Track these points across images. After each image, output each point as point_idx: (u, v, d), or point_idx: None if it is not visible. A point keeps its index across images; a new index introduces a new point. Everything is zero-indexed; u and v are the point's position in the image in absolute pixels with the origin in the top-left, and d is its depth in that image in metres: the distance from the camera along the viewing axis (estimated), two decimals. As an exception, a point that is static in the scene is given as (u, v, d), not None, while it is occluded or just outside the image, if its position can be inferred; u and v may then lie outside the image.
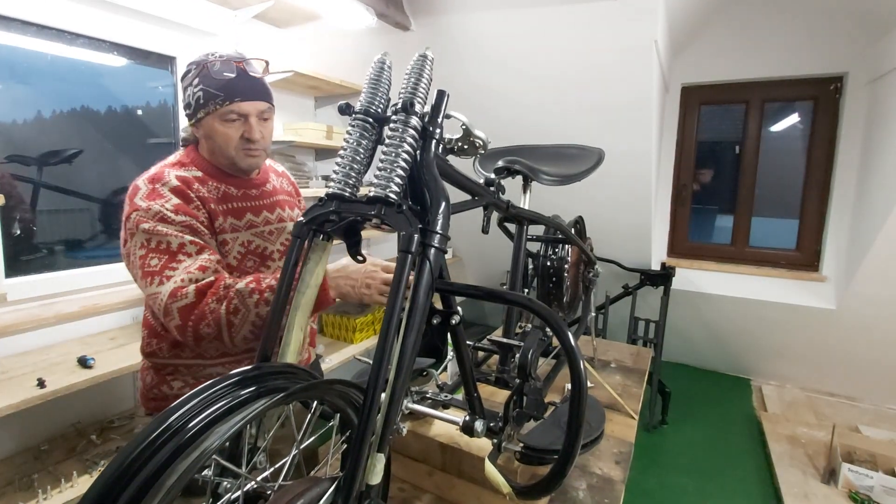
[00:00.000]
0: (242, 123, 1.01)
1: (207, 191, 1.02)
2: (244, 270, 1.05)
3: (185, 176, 1.01)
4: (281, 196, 1.18)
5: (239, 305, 0.90)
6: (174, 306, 0.89)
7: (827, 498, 2.11)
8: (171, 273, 0.90)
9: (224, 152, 1.03)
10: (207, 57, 1.00)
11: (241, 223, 1.06)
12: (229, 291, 0.90)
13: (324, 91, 2.74)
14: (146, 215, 0.93)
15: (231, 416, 0.55)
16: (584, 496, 1.06)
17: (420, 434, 1.05)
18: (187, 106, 1.01)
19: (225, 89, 0.98)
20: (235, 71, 0.98)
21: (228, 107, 0.98)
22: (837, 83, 2.85)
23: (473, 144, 0.86)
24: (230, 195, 1.06)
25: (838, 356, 3.03)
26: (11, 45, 1.67)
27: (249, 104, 1.00)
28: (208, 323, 0.89)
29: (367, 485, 0.61)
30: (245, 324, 0.90)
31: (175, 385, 1.05)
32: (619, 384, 1.63)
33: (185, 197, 0.97)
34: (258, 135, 1.02)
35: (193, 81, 0.99)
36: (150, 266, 0.91)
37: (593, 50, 2.19)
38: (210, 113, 0.99)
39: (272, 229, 1.11)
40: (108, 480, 0.47)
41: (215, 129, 1.00)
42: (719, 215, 3.44)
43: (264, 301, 0.91)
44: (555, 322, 0.76)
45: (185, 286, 0.89)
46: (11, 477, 1.44)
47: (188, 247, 0.93)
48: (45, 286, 1.75)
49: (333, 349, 2.61)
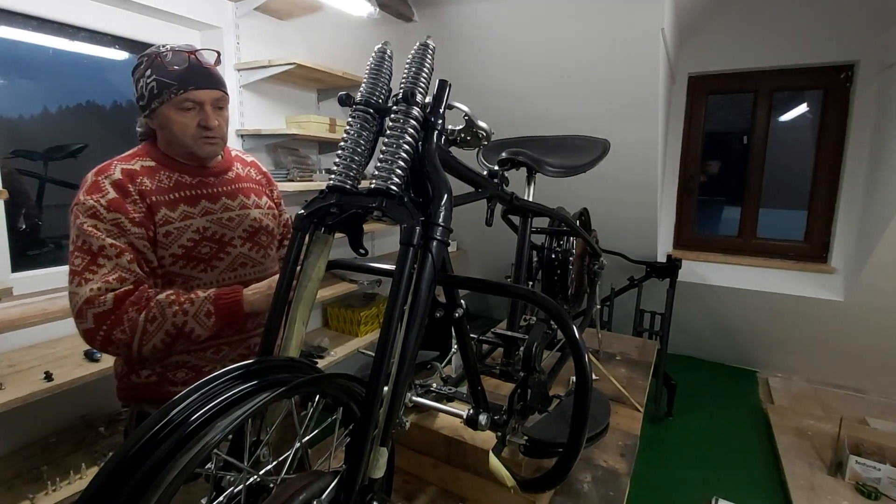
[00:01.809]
0: (198, 112, 1.02)
1: (156, 182, 1.03)
2: (198, 257, 1.06)
3: (130, 168, 1.01)
4: (246, 184, 1.18)
5: (157, 315, 0.94)
6: (90, 311, 0.92)
7: (834, 490, 2.10)
8: (89, 276, 0.93)
9: (181, 141, 1.04)
10: (159, 49, 1.01)
11: (195, 210, 1.06)
12: (150, 302, 0.95)
13: (326, 83, 2.72)
14: (81, 209, 0.95)
15: (232, 410, 0.55)
16: (588, 489, 1.06)
17: (424, 427, 1.05)
18: (140, 97, 1.02)
19: (179, 78, 0.99)
20: (188, 61, 1.00)
21: (183, 95, 0.99)
22: (848, 72, 2.79)
23: (476, 135, 0.85)
24: (183, 183, 1.07)
25: (846, 348, 3.01)
26: (15, 39, 1.67)
27: (204, 92, 1.01)
28: (123, 329, 0.92)
29: (370, 478, 0.61)
30: (159, 332, 0.95)
31: (143, 373, 1.05)
32: (624, 377, 1.62)
33: (123, 191, 0.98)
34: (214, 122, 1.04)
35: (146, 73, 0.99)
36: (74, 265, 0.95)
37: (599, 39, 2.16)
38: (164, 102, 1.00)
39: (232, 216, 1.12)
40: (109, 475, 0.46)
41: (171, 118, 1.01)
42: (726, 207, 3.40)
43: (182, 311, 0.96)
44: (559, 315, 0.75)
45: (103, 294, 0.92)
46: (20, 469, 1.46)
47: (108, 249, 0.94)
48: (50, 280, 1.76)
49: (338, 342, 2.62)
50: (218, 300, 0.99)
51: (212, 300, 0.99)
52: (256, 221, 1.16)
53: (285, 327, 0.77)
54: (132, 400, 1.09)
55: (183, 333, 0.97)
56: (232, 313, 1.00)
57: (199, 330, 0.98)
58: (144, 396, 1.06)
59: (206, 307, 0.98)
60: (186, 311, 0.96)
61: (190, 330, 0.97)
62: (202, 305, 0.98)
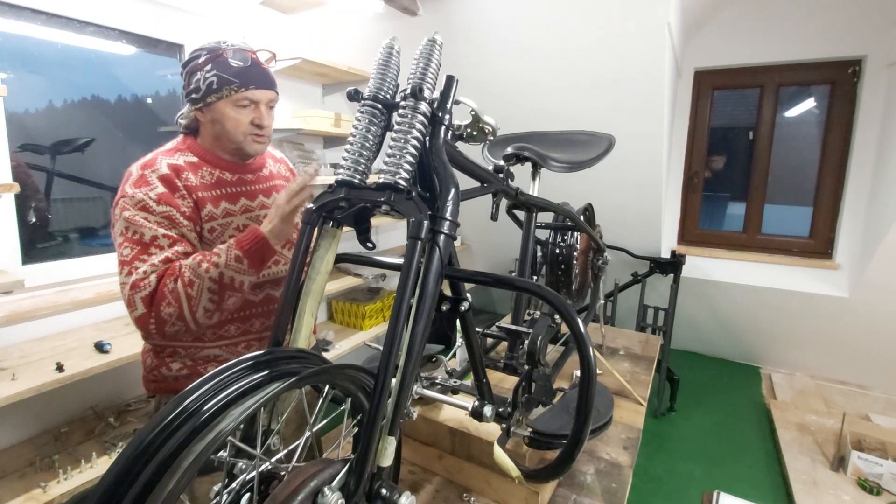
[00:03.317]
0: (252, 110, 1.05)
1: (200, 177, 1.04)
2: None
3: (176, 164, 1.02)
4: (278, 181, 1.20)
5: (192, 277, 0.93)
6: (137, 297, 0.92)
7: (835, 485, 2.11)
8: (139, 265, 0.94)
9: (232, 137, 1.05)
10: (219, 44, 1.03)
11: (236, 208, 1.08)
12: (182, 268, 0.95)
13: (331, 78, 2.73)
14: (130, 203, 0.96)
15: (245, 399, 0.56)
16: (591, 480, 1.07)
17: (430, 419, 1.06)
18: (195, 90, 1.02)
19: (240, 76, 1.01)
20: (249, 60, 1.03)
21: (243, 93, 1.02)
22: (856, 67, 2.77)
23: (483, 131, 0.86)
24: (225, 181, 1.08)
25: (850, 344, 3.01)
26: (22, 34, 1.68)
27: (261, 92, 1.05)
28: (168, 302, 0.93)
29: (379, 466, 0.63)
30: (202, 292, 0.94)
31: (174, 367, 1.07)
32: (627, 371, 1.63)
33: (171, 185, 0.99)
34: (267, 121, 1.08)
35: (205, 67, 1.01)
36: (123, 255, 0.95)
37: (605, 34, 2.15)
38: (223, 98, 1.02)
39: (267, 213, 1.13)
40: (126, 461, 0.48)
41: (226, 114, 1.03)
42: (731, 203, 3.39)
43: (213, 265, 0.94)
44: (564, 308, 0.76)
45: (147, 277, 0.93)
46: (33, 457, 1.49)
47: (160, 240, 0.95)
48: (60, 273, 1.78)
49: (343, 336, 2.64)
50: (240, 242, 0.98)
51: (234, 245, 0.97)
52: None
53: (294, 319, 0.78)
54: (159, 391, 1.11)
55: (224, 285, 0.96)
56: (259, 248, 0.98)
57: (238, 276, 0.97)
58: (174, 388, 1.08)
59: (233, 253, 0.96)
60: (217, 264, 0.95)
61: (230, 279, 0.96)
62: (229, 253, 0.96)
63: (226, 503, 0.59)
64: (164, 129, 2.18)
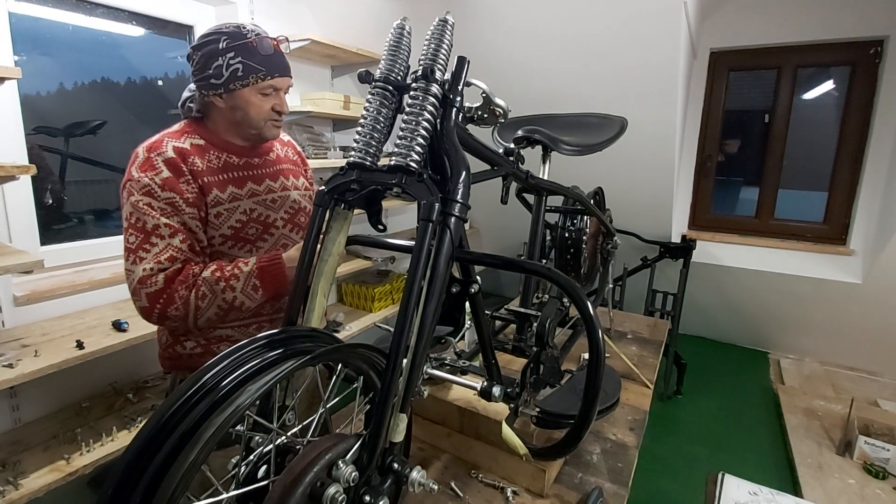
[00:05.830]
0: (274, 97, 1.07)
1: (206, 162, 1.05)
2: (245, 238, 1.09)
3: (182, 147, 1.03)
4: (285, 165, 1.21)
5: (207, 292, 0.98)
6: (143, 291, 0.96)
7: (841, 469, 2.12)
8: (143, 255, 0.97)
9: (254, 123, 1.07)
10: (240, 29, 1.01)
11: (242, 192, 1.09)
12: (197, 280, 0.98)
13: (341, 60, 2.70)
14: (136, 187, 0.98)
15: (261, 375, 0.58)
16: (598, 460, 1.09)
17: (439, 398, 1.08)
18: (216, 76, 1.00)
19: (265, 64, 1.03)
20: (273, 49, 1.04)
21: (270, 81, 1.04)
22: (877, 47, 2.69)
23: (493, 113, 0.85)
24: (231, 164, 1.09)
25: (861, 330, 2.98)
26: (33, 15, 1.69)
27: (284, 80, 1.07)
28: (177, 307, 0.97)
29: (391, 442, 0.65)
30: (211, 307, 0.99)
31: (188, 345, 1.11)
32: (635, 354, 1.64)
33: (176, 170, 1.00)
34: (287, 108, 1.11)
35: (229, 54, 1.00)
36: (129, 242, 0.99)
37: (618, 14, 2.10)
38: (248, 85, 1.02)
39: (275, 197, 1.14)
40: (149, 433, 0.50)
41: (251, 101, 1.04)
42: (744, 187, 3.34)
43: (230, 287, 1.00)
44: (573, 291, 0.76)
45: (155, 275, 0.96)
46: (56, 431, 1.54)
47: (162, 229, 0.97)
48: (77, 253, 1.82)
49: (353, 317, 2.67)
50: (263, 274, 1.02)
51: (256, 274, 1.01)
52: (296, 203, 1.19)
53: (307, 300, 0.80)
54: (175, 368, 1.14)
55: (234, 307, 1.01)
56: (277, 284, 1.03)
57: (248, 303, 1.02)
58: (189, 366, 1.11)
59: (252, 282, 1.01)
60: (234, 287, 1.00)
61: (240, 304, 1.01)
62: (248, 280, 1.01)
63: (244, 474, 0.62)
64: (174, 111, 2.18)
